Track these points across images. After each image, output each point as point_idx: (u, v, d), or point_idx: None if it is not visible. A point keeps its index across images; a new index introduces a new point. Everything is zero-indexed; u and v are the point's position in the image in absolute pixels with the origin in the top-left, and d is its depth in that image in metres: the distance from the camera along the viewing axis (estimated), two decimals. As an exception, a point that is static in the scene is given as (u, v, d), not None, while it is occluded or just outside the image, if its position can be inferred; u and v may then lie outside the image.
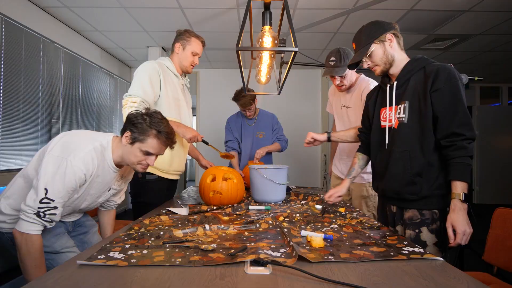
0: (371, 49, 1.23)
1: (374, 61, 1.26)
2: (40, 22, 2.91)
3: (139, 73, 1.64)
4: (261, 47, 1.46)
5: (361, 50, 1.26)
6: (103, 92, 4.14)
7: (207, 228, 1.13)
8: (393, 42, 1.23)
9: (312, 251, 0.89)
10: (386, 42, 1.23)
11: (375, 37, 1.22)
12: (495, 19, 3.03)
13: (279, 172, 1.69)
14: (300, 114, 4.83)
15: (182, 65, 1.80)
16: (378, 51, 1.23)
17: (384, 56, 1.23)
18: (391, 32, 1.23)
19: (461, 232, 1.04)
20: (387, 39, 1.22)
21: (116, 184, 1.34)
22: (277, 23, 1.61)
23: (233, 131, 2.54)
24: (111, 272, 0.75)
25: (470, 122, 1.09)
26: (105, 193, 1.31)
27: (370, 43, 1.23)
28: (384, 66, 1.25)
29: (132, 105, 1.55)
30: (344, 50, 1.74)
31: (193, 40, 1.77)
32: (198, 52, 1.80)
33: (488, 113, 5.60)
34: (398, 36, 1.25)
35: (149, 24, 3.30)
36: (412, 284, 0.70)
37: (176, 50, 1.79)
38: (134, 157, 1.20)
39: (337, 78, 1.81)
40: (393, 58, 1.24)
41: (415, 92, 1.17)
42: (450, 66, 1.14)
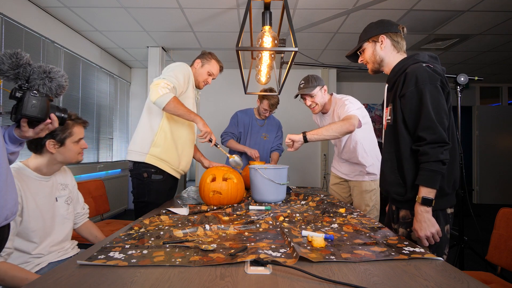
0: (364, 46, 1.29)
1: (365, 58, 1.31)
2: (40, 22, 2.91)
3: (175, 67, 1.71)
4: (261, 47, 1.46)
5: (356, 46, 1.32)
6: (103, 92, 4.14)
7: (207, 228, 1.13)
8: (385, 44, 1.24)
9: (313, 251, 0.89)
10: (378, 43, 1.25)
11: (369, 36, 1.26)
12: (495, 19, 3.03)
13: (279, 172, 1.69)
14: (300, 114, 4.82)
15: (196, 80, 1.88)
16: (368, 50, 1.28)
17: (372, 55, 1.27)
18: (386, 34, 1.23)
19: (422, 236, 1.06)
20: (379, 40, 1.24)
21: (61, 194, 1.31)
22: (277, 23, 1.61)
23: (239, 125, 2.55)
24: (111, 272, 0.75)
25: (432, 126, 1.04)
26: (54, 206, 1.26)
27: (364, 40, 1.28)
28: (373, 65, 1.29)
29: (165, 86, 1.57)
30: (312, 76, 1.93)
31: (213, 62, 1.88)
32: (214, 73, 1.90)
33: (488, 113, 5.60)
34: (395, 38, 1.24)
35: (149, 24, 3.30)
36: (412, 284, 0.69)
37: (195, 65, 1.88)
38: (73, 152, 1.27)
39: (308, 99, 1.94)
40: (381, 59, 1.25)
41: (395, 95, 1.18)
42: (420, 68, 1.09)
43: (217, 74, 1.93)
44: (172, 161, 1.75)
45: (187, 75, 1.75)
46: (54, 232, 1.24)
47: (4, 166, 0.79)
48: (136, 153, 1.70)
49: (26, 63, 0.84)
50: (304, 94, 1.94)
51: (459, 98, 1.87)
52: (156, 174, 1.70)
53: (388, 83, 1.27)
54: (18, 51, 0.82)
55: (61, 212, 1.28)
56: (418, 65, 1.11)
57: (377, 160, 1.97)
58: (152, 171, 1.69)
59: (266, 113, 2.50)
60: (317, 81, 1.90)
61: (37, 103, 0.84)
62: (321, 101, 1.94)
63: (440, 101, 1.06)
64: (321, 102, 1.94)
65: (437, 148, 1.03)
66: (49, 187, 1.25)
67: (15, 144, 0.89)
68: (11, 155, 0.90)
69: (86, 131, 3.69)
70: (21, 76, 0.84)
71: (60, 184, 1.33)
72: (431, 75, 1.07)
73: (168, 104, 1.55)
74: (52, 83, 0.88)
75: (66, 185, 1.36)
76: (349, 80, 5.49)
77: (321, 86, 1.92)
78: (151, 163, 1.69)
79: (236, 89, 4.75)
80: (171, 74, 1.65)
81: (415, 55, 1.19)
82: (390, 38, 1.23)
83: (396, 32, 1.24)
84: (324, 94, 1.95)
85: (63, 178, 1.36)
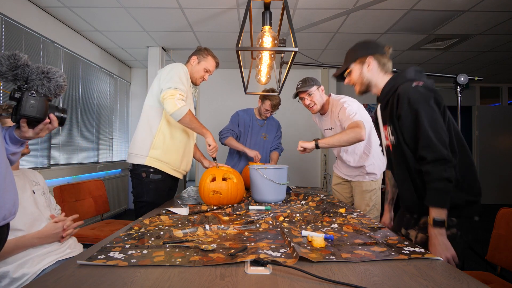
0: (350, 68, 1.28)
1: (352, 80, 1.30)
2: (40, 22, 2.91)
3: (177, 71, 1.70)
4: (261, 47, 1.46)
5: (343, 66, 1.31)
6: (103, 92, 4.14)
7: (207, 228, 1.13)
8: (372, 65, 1.23)
9: (313, 251, 0.89)
10: (365, 65, 1.24)
11: (356, 58, 1.25)
12: (495, 19, 3.02)
13: (279, 172, 1.69)
14: (300, 114, 4.82)
15: (193, 77, 1.88)
16: (355, 72, 1.27)
17: (360, 78, 1.26)
18: (373, 55, 1.23)
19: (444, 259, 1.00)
20: (366, 61, 1.23)
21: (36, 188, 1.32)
22: (277, 23, 1.61)
23: (240, 124, 2.55)
24: (111, 272, 0.75)
25: (431, 144, 1.02)
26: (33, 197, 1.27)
27: (351, 62, 1.27)
28: (360, 87, 1.28)
29: (180, 98, 1.62)
30: (309, 77, 1.97)
31: (209, 58, 1.87)
32: (210, 70, 1.88)
33: (488, 113, 5.60)
34: (382, 60, 1.23)
35: (149, 24, 3.30)
36: (412, 284, 0.69)
37: (191, 62, 1.87)
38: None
39: (306, 98, 1.97)
40: (369, 81, 1.25)
41: (391, 116, 1.17)
42: (411, 89, 1.08)
43: (214, 70, 1.92)
44: (172, 162, 1.76)
45: (187, 78, 1.76)
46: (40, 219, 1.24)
47: (3, 166, 0.79)
48: (136, 156, 1.71)
49: (24, 64, 0.84)
50: (302, 93, 1.96)
51: (459, 98, 1.86)
52: (155, 173, 1.71)
53: (380, 103, 1.26)
54: (16, 52, 0.82)
55: (41, 203, 1.30)
56: (408, 85, 1.10)
57: (378, 159, 1.97)
58: (151, 171, 1.70)
59: (268, 114, 2.50)
60: (314, 81, 1.95)
61: (35, 103, 0.84)
62: (319, 100, 1.96)
63: (436, 118, 1.05)
64: (319, 101, 1.96)
65: (439, 166, 1.01)
66: (22, 180, 1.26)
67: (16, 145, 0.89)
68: (12, 155, 0.90)
69: (86, 131, 3.70)
70: (19, 77, 0.84)
71: (32, 180, 1.35)
72: (423, 94, 1.07)
73: (184, 118, 1.61)
74: (50, 83, 0.88)
75: (38, 182, 1.38)
76: (349, 80, 5.49)
77: (318, 86, 1.95)
78: (151, 165, 1.69)
79: (236, 89, 4.75)
80: (177, 80, 1.64)
81: (402, 72, 1.19)
82: (377, 60, 1.23)
83: (383, 54, 1.23)
84: (322, 94, 1.97)
85: (33, 176, 1.38)
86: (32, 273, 1.13)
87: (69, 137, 3.38)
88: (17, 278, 1.10)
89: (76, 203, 2.24)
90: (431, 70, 4.74)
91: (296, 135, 4.83)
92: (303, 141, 1.74)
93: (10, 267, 1.10)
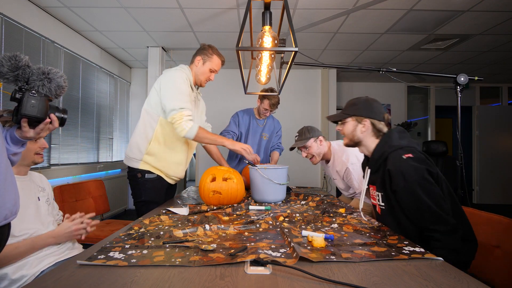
0: (346, 120, 1.29)
1: (343, 131, 1.32)
2: (40, 22, 2.91)
3: (176, 83, 1.65)
4: (261, 47, 1.46)
5: (340, 114, 1.32)
6: (103, 92, 4.14)
7: (207, 228, 1.13)
8: (366, 128, 1.25)
9: (314, 251, 0.89)
10: (360, 124, 1.26)
11: (354, 114, 1.26)
12: (495, 19, 3.02)
13: (279, 172, 1.69)
14: (300, 114, 4.82)
15: (198, 78, 1.81)
16: (349, 126, 1.28)
17: (351, 134, 1.28)
18: (371, 119, 1.24)
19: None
20: (363, 122, 1.25)
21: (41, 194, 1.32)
22: (277, 23, 1.61)
23: (240, 125, 2.55)
24: (111, 272, 0.75)
25: (440, 218, 1.04)
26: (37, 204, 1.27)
27: (348, 115, 1.28)
28: (349, 142, 1.30)
29: (187, 118, 1.62)
30: (307, 127, 1.93)
31: (214, 58, 1.78)
32: (216, 70, 1.81)
33: (488, 113, 5.60)
34: (377, 126, 1.25)
35: (149, 24, 3.30)
36: (412, 284, 0.69)
37: (196, 63, 1.79)
38: (29, 151, 1.23)
39: (303, 151, 1.95)
40: (359, 140, 1.27)
41: (384, 186, 1.18)
42: (402, 162, 1.09)
43: (220, 69, 1.84)
44: (165, 170, 1.76)
45: (187, 87, 1.70)
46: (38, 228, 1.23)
47: (3, 166, 0.79)
48: (132, 160, 1.75)
49: (25, 65, 0.84)
50: (300, 147, 1.94)
51: (459, 98, 1.86)
52: (150, 173, 1.73)
53: (370, 167, 1.26)
54: (17, 54, 0.83)
55: (43, 211, 1.29)
56: (398, 157, 1.11)
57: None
58: (146, 171, 1.73)
59: (267, 113, 2.50)
60: (311, 133, 1.89)
61: (36, 103, 0.85)
62: (317, 152, 1.91)
63: (434, 191, 1.06)
64: (318, 152, 1.91)
65: (449, 238, 1.03)
66: (28, 186, 1.26)
67: (17, 145, 0.89)
68: (13, 156, 0.90)
69: (86, 131, 3.70)
70: (20, 77, 0.84)
71: (39, 186, 1.34)
72: (416, 168, 1.07)
73: (196, 136, 1.63)
74: (51, 84, 0.88)
75: (44, 188, 1.37)
76: (349, 80, 5.49)
77: (315, 138, 1.89)
78: (145, 169, 1.73)
79: (236, 89, 4.75)
80: (180, 97, 1.62)
81: (387, 138, 1.19)
82: (373, 125, 1.25)
83: (380, 120, 1.25)
84: (321, 144, 1.91)
85: (40, 181, 1.38)
86: (31, 274, 1.13)
87: (69, 137, 3.38)
88: (16, 280, 1.10)
89: (76, 203, 2.24)
90: (431, 70, 4.75)
91: (296, 135, 4.83)
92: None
93: (9, 268, 1.10)
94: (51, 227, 1.29)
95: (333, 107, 4.88)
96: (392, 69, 2.02)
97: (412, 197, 1.08)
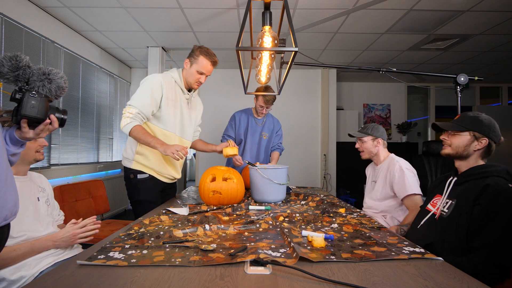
0: (462, 133, 1.29)
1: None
2: (40, 22, 2.91)
3: (143, 85, 1.70)
4: (261, 47, 1.46)
5: (456, 125, 1.32)
6: (103, 92, 4.14)
7: (207, 228, 1.13)
8: (482, 146, 1.25)
9: (314, 251, 0.89)
10: (477, 141, 1.26)
11: (475, 130, 1.29)
12: (495, 19, 3.02)
13: (279, 172, 1.69)
14: (300, 114, 4.82)
15: (188, 81, 1.81)
16: (463, 139, 1.28)
17: (463, 146, 1.27)
18: (490, 140, 1.25)
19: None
20: (481, 140, 1.26)
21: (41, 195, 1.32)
22: (277, 23, 1.61)
23: (238, 126, 2.55)
24: (111, 272, 0.75)
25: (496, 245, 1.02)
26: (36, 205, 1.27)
27: (467, 129, 1.28)
28: (454, 153, 1.29)
29: (128, 115, 1.63)
30: (375, 125, 1.94)
31: (200, 59, 1.74)
32: (204, 72, 1.77)
33: (488, 113, 5.51)
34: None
35: (149, 24, 3.30)
36: (412, 284, 0.69)
37: (185, 66, 1.79)
38: (30, 150, 1.23)
39: (358, 142, 1.95)
40: (468, 155, 1.27)
41: (464, 195, 1.16)
42: (505, 186, 1.08)
43: (211, 71, 1.80)
44: (156, 168, 1.76)
45: (157, 89, 1.68)
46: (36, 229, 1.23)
47: (4, 166, 0.79)
48: (126, 159, 1.78)
49: (26, 65, 0.84)
50: (358, 137, 1.94)
51: (459, 98, 1.86)
52: (141, 173, 1.74)
53: (458, 178, 1.26)
54: (17, 54, 0.83)
55: (42, 212, 1.29)
56: (503, 182, 1.09)
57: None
58: (138, 171, 1.75)
59: (263, 110, 2.49)
60: (374, 132, 1.89)
61: (36, 104, 0.85)
62: (368, 150, 1.91)
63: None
64: (369, 150, 1.91)
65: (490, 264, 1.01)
66: (28, 186, 1.26)
67: (17, 146, 0.89)
68: (12, 156, 0.90)
69: (86, 131, 3.70)
70: (20, 78, 0.84)
71: (39, 187, 1.34)
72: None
73: (130, 134, 1.63)
74: (51, 85, 0.88)
75: (44, 189, 1.37)
76: (349, 80, 5.49)
77: (374, 138, 1.88)
78: (137, 168, 1.74)
79: (236, 89, 4.74)
80: (137, 96, 1.67)
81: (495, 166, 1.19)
82: (488, 145, 1.26)
83: (496, 143, 1.28)
84: (376, 146, 1.89)
85: (40, 181, 1.38)
86: (30, 275, 1.12)
87: (69, 137, 3.38)
88: (15, 280, 1.10)
89: (76, 203, 2.24)
90: (431, 70, 4.74)
91: (296, 135, 4.84)
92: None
93: (8, 269, 1.10)
94: (50, 227, 1.29)
95: (333, 107, 4.88)
96: (392, 69, 2.02)
97: (493, 215, 1.05)
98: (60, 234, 1.21)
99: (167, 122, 1.75)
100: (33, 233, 1.20)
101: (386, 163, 1.85)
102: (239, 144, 2.57)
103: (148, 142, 1.62)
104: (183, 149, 1.58)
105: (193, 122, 1.96)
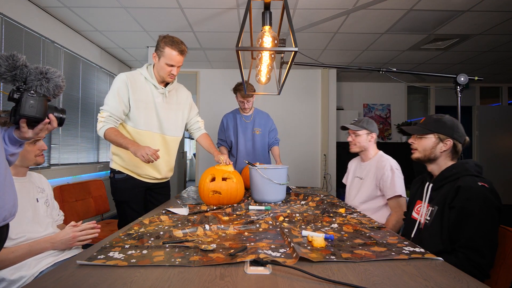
0: (427, 136, 1.30)
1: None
2: (40, 22, 2.90)
3: (111, 87, 1.71)
4: (261, 47, 1.46)
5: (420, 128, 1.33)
6: (103, 92, 4.13)
7: (207, 228, 1.12)
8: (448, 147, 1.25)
9: (314, 251, 0.89)
10: (442, 143, 1.27)
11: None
12: (495, 19, 3.02)
13: (279, 172, 1.69)
14: (300, 114, 4.82)
15: (160, 75, 1.73)
16: (429, 141, 1.29)
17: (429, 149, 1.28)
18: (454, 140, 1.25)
19: None
20: (446, 141, 1.26)
21: (40, 196, 1.32)
22: (277, 23, 1.61)
23: (227, 127, 2.58)
24: (111, 272, 0.75)
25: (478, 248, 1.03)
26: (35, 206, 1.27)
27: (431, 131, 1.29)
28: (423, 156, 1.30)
29: (101, 119, 1.65)
30: (369, 119, 1.93)
31: (166, 51, 1.65)
32: (173, 64, 1.67)
33: (488, 113, 5.60)
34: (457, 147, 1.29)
35: (149, 24, 3.29)
36: (412, 284, 0.69)
37: (154, 60, 1.72)
38: (30, 154, 1.24)
39: (350, 135, 1.93)
40: (436, 158, 1.27)
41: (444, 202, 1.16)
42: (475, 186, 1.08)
43: (180, 61, 1.69)
44: (132, 168, 1.76)
45: (122, 88, 1.66)
46: (36, 231, 1.22)
47: (3, 167, 0.79)
48: (110, 159, 1.83)
49: (23, 65, 0.84)
50: (351, 130, 1.92)
51: (459, 98, 1.86)
52: (120, 173, 1.78)
53: (433, 184, 1.26)
54: (14, 53, 0.82)
55: (41, 213, 1.29)
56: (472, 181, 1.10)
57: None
58: (116, 171, 1.78)
59: (244, 105, 2.49)
60: (369, 126, 1.88)
61: (35, 103, 0.84)
62: (361, 144, 1.89)
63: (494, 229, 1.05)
64: (361, 145, 1.89)
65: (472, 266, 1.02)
66: (26, 187, 1.26)
67: (15, 146, 0.89)
68: (11, 156, 0.90)
69: (86, 131, 3.70)
70: (18, 77, 0.84)
71: (38, 187, 1.34)
72: (489, 200, 1.05)
73: (105, 137, 1.65)
74: (49, 84, 0.88)
75: (43, 189, 1.37)
76: (349, 80, 5.49)
77: (369, 132, 1.88)
78: (115, 168, 1.78)
79: (236, 88, 4.74)
80: (106, 99, 1.68)
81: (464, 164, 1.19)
82: (454, 146, 1.26)
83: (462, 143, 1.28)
84: (370, 140, 1.88)
85: (39, 182, 1.38)
86: (30, 275, 1.12)
87: (69, 137, 3.38)
88: (15, 280, 1.10)
89: (76, 203, 2.24)
90: (431, 70, 4.74)
91: (296, 135, 4.83)
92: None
93: (7, 269, 1.10)
94: (50, 228, 1.29)
95: (333, 107, 4.87)
96: (392, 69, 2.02)
97: (466, 216, 1.05)
98: (59, 236, 1.21)
99: (137, 120, 1.71)
100: (32, 234, 1.19)
101: (374, 161, 1.84)
102: (231, 147, 2.59)
103: (120, 143, 1.61)
104: (153, 154, 1.52)
105: (179, 116, 1.88)
